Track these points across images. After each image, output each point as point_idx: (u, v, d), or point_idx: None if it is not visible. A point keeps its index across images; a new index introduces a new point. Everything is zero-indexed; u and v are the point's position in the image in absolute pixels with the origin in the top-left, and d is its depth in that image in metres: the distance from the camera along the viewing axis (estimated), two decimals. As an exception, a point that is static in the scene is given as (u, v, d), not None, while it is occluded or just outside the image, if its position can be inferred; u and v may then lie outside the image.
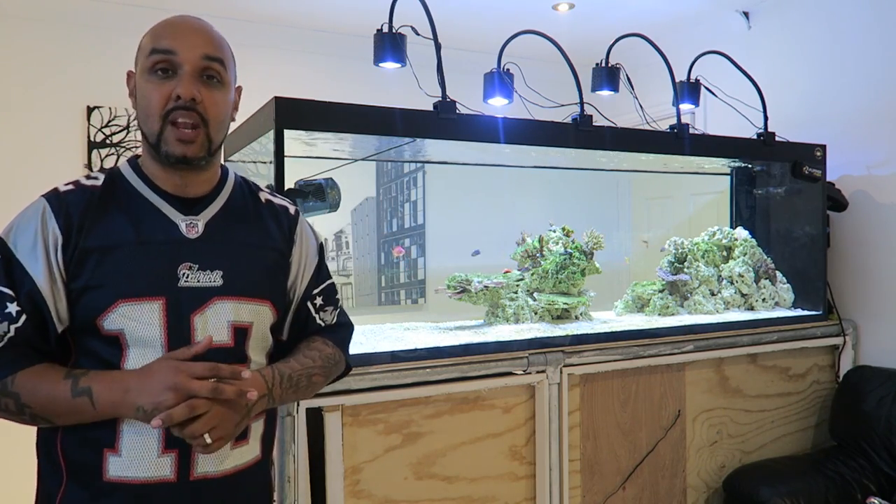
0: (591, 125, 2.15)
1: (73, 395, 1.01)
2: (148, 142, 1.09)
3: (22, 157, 2.96)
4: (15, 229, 1.05)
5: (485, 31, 3.40)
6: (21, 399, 1.01)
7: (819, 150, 2.67)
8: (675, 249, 2.69)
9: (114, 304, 1.03)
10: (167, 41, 1.07)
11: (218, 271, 1.11)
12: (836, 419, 2.57)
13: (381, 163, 3.48)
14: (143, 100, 1.08)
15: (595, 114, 2.19)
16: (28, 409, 1.01)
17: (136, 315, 1.04)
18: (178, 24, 1.10)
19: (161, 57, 1.06)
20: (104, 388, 1.01)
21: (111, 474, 1.04)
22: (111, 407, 1.01)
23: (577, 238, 2.47)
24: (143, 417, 1.00)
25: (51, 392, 1.01)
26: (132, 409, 1.00)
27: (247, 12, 3.27)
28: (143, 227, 1.08)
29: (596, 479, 2.16)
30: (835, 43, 2.85)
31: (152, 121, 1.07)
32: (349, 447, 1.76)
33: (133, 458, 1.04)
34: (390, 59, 2.00)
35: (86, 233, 1.05)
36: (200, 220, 1.13)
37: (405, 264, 3.71)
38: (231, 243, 1.14)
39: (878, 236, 2.69)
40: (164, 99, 1.06)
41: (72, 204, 1.06)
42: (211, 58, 1.09)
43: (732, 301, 2.67)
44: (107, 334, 1.04)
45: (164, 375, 0.99)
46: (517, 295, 2.35)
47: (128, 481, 1.04)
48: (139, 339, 1.05)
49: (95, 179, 1.11)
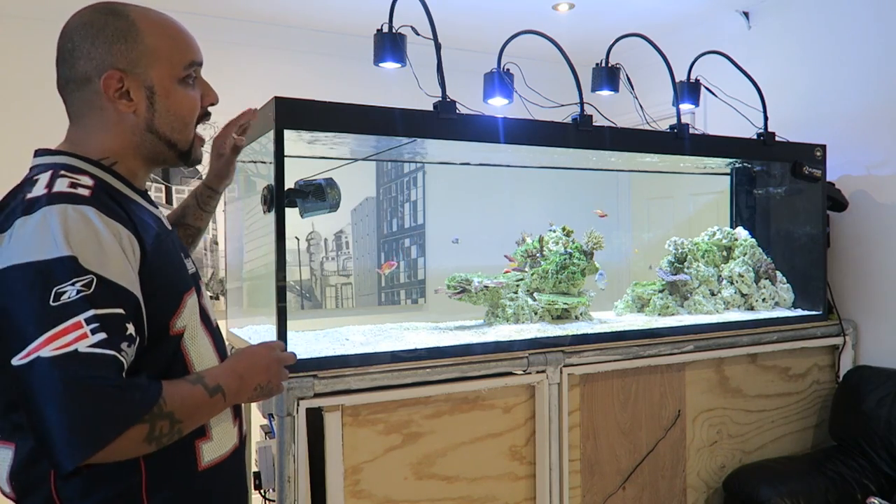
0: (591, 125, 2.15)
1: (210, 396, 1.01)
2: (174, 148, 1.09)
3: (22, 158, 2.95)
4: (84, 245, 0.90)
5: (485, 31, 3.41)
6: (175, 416, 0.94)
7: (819, 150, 2.67)
8: (675, 249, 2.69)
9: (182, 300, 1.05)
10: (198, 54, 1.11)
11: (190, 258, 1.19)
12: (836, 419, 2.57)
13: (381, 163, 3.48)
14: (182, 108, 1.08)
15: (595, 114, 2.19)
16: (178, 424, 0.95)
17: (193, 306, 1.08)
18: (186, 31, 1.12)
19: (199, 69, 1.10)
20: (228, 381, 1.05)
21: (206, 461, 1.08)
22: (236, 395, 1.07)
23: (577, 238, 2.47)
24: (259, 393, 1.12)
25: (195, 399, 0.99)
26: (251, 389, 1.10)
27: (247, 12, 3.27)
28: (153, 223, 1.08)
29: (596, 479, 2.17)
30: (835, 43, 2.85)
31: (189, 129, 1.10)
32: (349, 447, 1.76)
33: (221, 437, 1.11)
34: (390, 59, 2.00)
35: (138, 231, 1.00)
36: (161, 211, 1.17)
37: (405, 264, 3.71)
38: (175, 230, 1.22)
39: (878, 236, 2.69)
40: (198, 107, 1.11)
41: (113, 206, 0.98)
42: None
43: (732, 301, 2.67)
44: (175, 333, 1.04)
45: (265, 354, 1.14)
46: (517, 295, 2.35)
47: (218, 460, 1.10)
48: (193, 329, 1.08)
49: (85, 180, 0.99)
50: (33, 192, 0.94)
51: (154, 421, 0.90)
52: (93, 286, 0.88)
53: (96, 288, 0.88)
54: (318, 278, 3.49)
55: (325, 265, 3.51)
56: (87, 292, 0.87)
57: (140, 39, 1.04)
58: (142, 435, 0.89)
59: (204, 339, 1.11)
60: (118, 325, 0.89)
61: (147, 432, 0.89)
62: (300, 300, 3.47)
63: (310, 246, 3.49)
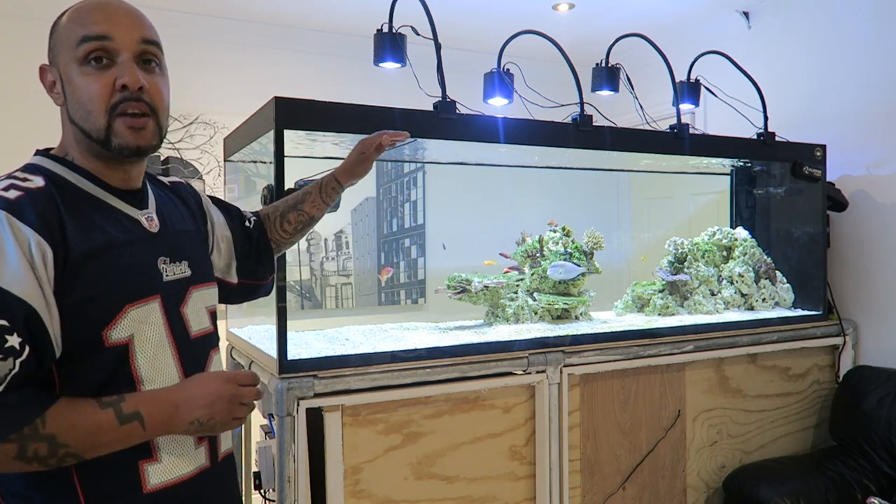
0: (591, 125, 2.15)
1: (120, 423, 0.93)
2: (91, 138, 1.00)
3: (21, 158, 2.95)
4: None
5: (485, 31, 3.40)
6: (58, 439, 0.88)
7: (819, 150, 2.67)
8: (675, 249, 2.69)
9: (122, 310, 0.98)
10: (99, 26, 0.98)
11: (184, 261, 1.11)
12: (836, 419, 2.57)
13: (381, 163, 3.48)
14: (80, 94, 0.98)
15: (595, 114, 2.19)
16: (63, 448, 0.89)
17: (144, 317, 1.01)
18: (108, 7, 1.00)
19: (95, 45, 0.97)
20: (153, 409, 0.96)
21: (152, 484, 1.01)
22: (162, 426, 0.98)
23: (577, 238, 2.47)
24: (196, 428, 1.01)
25: (93, 425, 0.91)
26: (185, 423, 1.00)
27: (247, 12, 3.27)
28: (114, 227, 1.01)
29: (596, 479, 2.17)
30: (835, 43, 2.85)
31: (96, 116, 0.98)
32: (349, 447, 1.76)
33: (174, 459, 1.04)
34: (390, 59, 2.00)
35: (70, 240, 0.93)
36: (152, 212, 1.09)
37: (405, 264, 3.71)
38: (179, 232, 1.15)
39: (878, 236, 2.69)
40: (108, 90, 0.98)
41: (39, 210, 0.92)
42: (148, 41, 1.02)
43: (732, 301, 2.67)
44: (112, 345, 0.97)
45: (214, 388, 1.02)
46: (517, 295, 2.35)
47: (171, 483, 1.03)
48: (147, 341, 1.01)
49: (32, 181, 0.97)
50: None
51: (25, 442, 0.86)
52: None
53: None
54: (318, 278, 3.50)
55: (325, 265, 3.51)
56: None
57: (58, 27, 1.02)
58: (9, 454, 0.86)
59: (165, 353, 1.04)
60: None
61: (17, 451, 0.86)
62: (300, 300, 3.47)
63: (310, 246, 3.49)
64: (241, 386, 1.05)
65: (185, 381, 1.04)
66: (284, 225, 1.47)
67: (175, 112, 3.22)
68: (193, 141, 3.27)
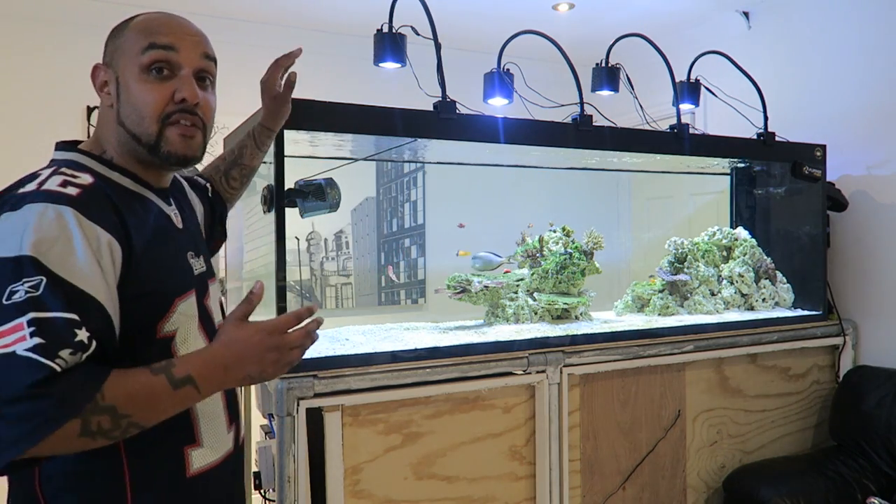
0: (591, 125, 2.15)
1: (174, 388, 0.92)
2: (139, 142, 1.02)
3: (22, 158, 2.95)
4: (44, 245, 0.88)
5: (485, 31, 3.40)
6: (119, 410, 0.88)
7: (819, 150, 2.67)
8: (675, 249, 2.69)
9: (172, 304, 1.02)
10: (167, 37, 1.02)
11: (201, 256, 1.16)
12: (836, 419, 2.57)
13: (381, 163, 3.48)
14: (137, 100, 1.01)
15: (595, 114, 2.19)
16: (126, 418, 0.89)
17: (187, 310, 1.05)
18: (176, 21, 1.05)
19: (161, 54, 1.01)
20: (204, 372, 0.95)
21: (195, 468, 1.05)
22: (216, 386, 0.97)
23: (577, 238, 2.47)
24: (249, 382, 1.01)
25: (149, 391, 0.91)
26: (238, 380, 0.99)
27: (247, 12, 3.27)
28: (155, 221, 1.04)
29: (596, 479, 2.16)
30: (835, 43, 2.85)
31: (149, 123, 1.01)
32: (349, 447, 1.76)
33: (212, 444, 1.08)
34: (390, 59, 2.00)
35: (130, 236, 0.97)
36: (176, 209, 1.14)
37: (405, 264, 3.71)
38: (194, 229, 1.20)
39: (878, 236, 2.69)
40: (164, 101, 1.01)
41: (102, 207, 0.95)
42: (209, 57, 1.06)
43: (732, 301, 2.67)
44: (162, 336, 1.00)
45: (258, 342, 0.98)
46: (517, 295, 2.35)
47: (209, 466, 1.08)
48: (186, 334, 1.05)
49: (81, 177, 0.98)
50: (27, 187, 0.94)
51: (87, 416, 0.86)
52: (41, 288, 0.86)
53: (45, 290, 0.86)
54: (318, 278, 3.49)
55: (325, 265, 3.51)
56: (34, 294, 0.85)
57: (122, 34, 1.06)
58: (75, 431, 0.86)
59: (200, 343, 1.08)
60: (62, 332, 0.86)
61: (81, 427, 0.86)
62: (300, 300, 3.47)
63: (310, 246, 3.49)
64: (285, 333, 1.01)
65: (226, 336, 0.99)
66: (230, 182, 1.52)
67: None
68: (193, 141, 3.26)
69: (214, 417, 1.10)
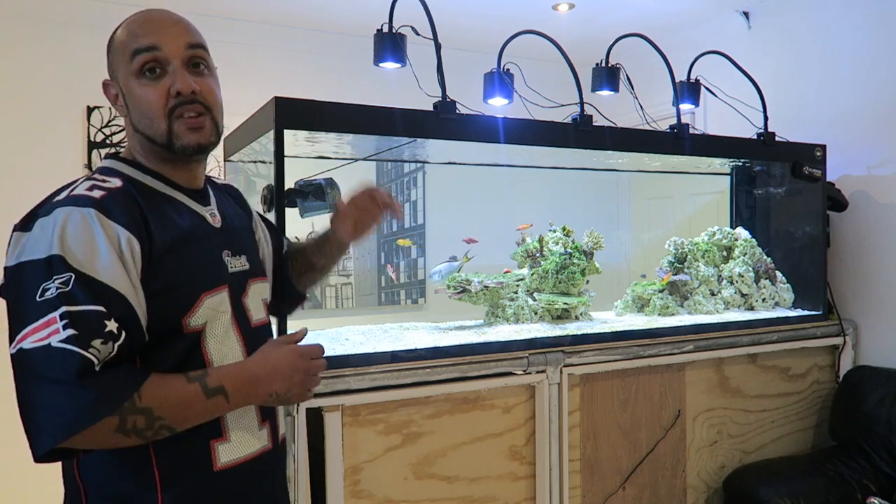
0: (591, 125, 2.15)
1: (206, 397, 1.00)
2: (155, 143, 1.07)
3: (22, 157, 2.96)
4: (71, 244, 0.94)
5: (485, 31, 3.40)
6: (154, 413, 0.95)
7: (819, 150, 2.67)
8: (675, 249, 2.69)
9: (199, 299, 1.05)
10: (147, 38, 1.05)
11: (243, 255, 1.19)
12: (836, 419, 2.57)
13: (381, 163, 3.48)
14: (141, 103, 1.06)
15: (595, 114, 2.19)
16: (160, 420, 0.96)
17: (216, 305, 1.08)
18: (153, 19, 1.08)
19: (146, 56, 1.05)
20: (235, 383, 1.02)
21: (221, 462, 1.07)
22: (245, 399, 1.05)
23: (577, 238, 2.47)
24: (275, 401, 1.08)
25: (183, 398, 0.98)
26: (265, 395, 1.06)
27: (247, 12, 3.27)
28: (185, 221, 1.09)
29: (596, 479, 2.16)
30: (835, 43, 2.85)
31: (157, 122, 1.06)
32: (349, 447, 1.76)
33: (241, 439, 1.10)
34: (390, 59, 2.00)
35: (153, 233, 1.02)
36: (214, 209, 1.17)
37: (405, 264, 3.71)
38: (237, 229, 1.22)
39: (878, 236, 2.69)
40: (164, 97, 1.05)
41: (123, 207, 1.00)
42: (194, 45, 1.09)
43: (732, 301, 2.67)
44: (190, 331, 1.05)
45: (291, 361, 1.08)
46: (517, 295, 2.35)
47: (238, 462, 1.09)
48: (217, 327, 1.08)
49: (110, 182, 1.04)
50: (60, 195, 1.01)
51: (125, 415, 0.92)
52: (70, 284, 0.92)
53: (74, 285, 0.92)
54: (318, 278, 3.49)
55: (324, 265, 3.50)
56: (64, 290, 0.92)
57: (113, 44, 1.10)
58: (111, 427, 0.91)
59: (232, 339, 1.10)
60: (93, 323, 0.92)
61: (118, 424, 0.92)
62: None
63: (310, 246, 3.48)
64: (312, 359, 1.11)
65: (262, 353, 1.09)
66: (293, 262, 1.48)
67: (175, 112, 3.22)
68: (193, 141, 3.26)
69: (243, 414, 1.11)
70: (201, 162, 1.16)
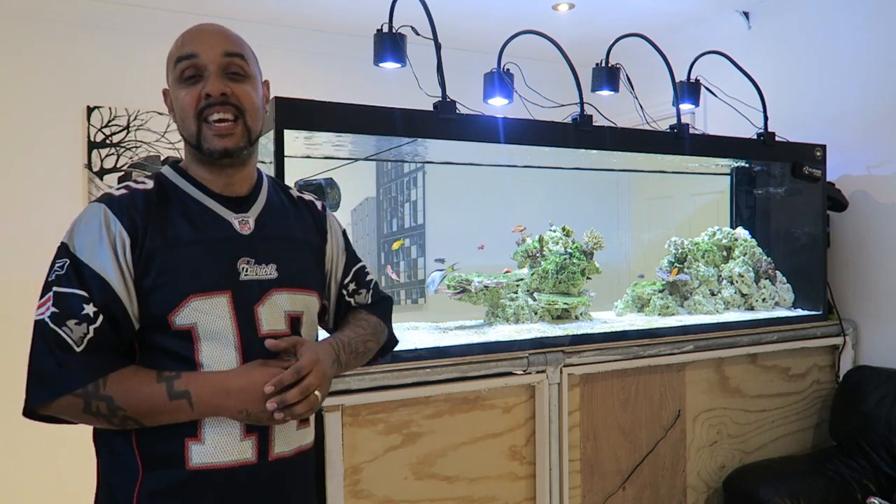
0: (591, 125, 2.15)
1: (170, 398, 1.04)
2: (190, 144, 1.15)
3: (22, 157, 2.95)
4: (77, 234, 1.07)
5: (485, 31, 3.40)
6: (114, 402, 1.02)
7: (819, 150, 2.67)
8: (675, 249, 2.69)
9: (185, 299, 1.08)
10: (188, 47, 1.14)
11: (272, 264, 1.19)
12: (836, 419, 2.57)
13: (381, 163, 3.48)
14: (179, 106, 1.14)
15: (595, 114, 2.19)
16: (121, 411, 1.03)
17: (207, 309, 1.10)
18: (196, 31, 1.17)
19: (186, 63, 1.13)
20: (203, 391, 1.05)
21: (194, 462, 1.08)
22: (211, 409, 1.06)
23: (577, 238, 2.47)
24: (246, 418, 1.08)
25: (146, 394, 1.03)
26: (235, 412, 1.07)
27: (247, 12, 3.27)
28: (200, 225, 1.14)
29: (596, 479, 2.16)
30: (835, 43, 2.85)
31: (189, 122, 1.13)
32: (349, 447, 1.76)
33: (217, 445, 1.09)
34: (390, 59, 2.00)
35: (150, 233, 1.09)
36: (250, 216, 1.20)
37: (405, 264, 3.71)
38: (279, 238, 1.23)
39: (878, 236, 2.69)
40: (196, 100, 1.12)
41: (131, 207, 1.10)
42: (230, 54, 1.15)
43: (732, 301, 2.67)
44: (178, 329, 1.08)
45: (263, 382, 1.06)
46: (517, 295, 2.35)
47: (211, 467, 1.09)
48: (211, 331, 1.09)
49: (145, 183, 1.14)
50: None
51: (89, 398, 1.02)
52: (65, 268, 1.05)
53: (67, 270, 1.05)
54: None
55: (325, 265, 3.50)
56: (60, 272, 1.05)
57: (168, 59, 1.18)
58: (78, 406, 1.02)
59: (228, 345, 1.10)
60: (72, 304, 1.03)
61: (83, 405, 1.02)
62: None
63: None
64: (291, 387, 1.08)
65: (246, 368, 1.10)
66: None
67: (175, 112, 3.22)
68: (193, 141, 3.27)
69: (223, 420, 1.09)
70: (239, 169, 1.19)
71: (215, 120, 1.12)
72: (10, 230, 2.87)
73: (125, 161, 3.13)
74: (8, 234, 2.87)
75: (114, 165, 3.11)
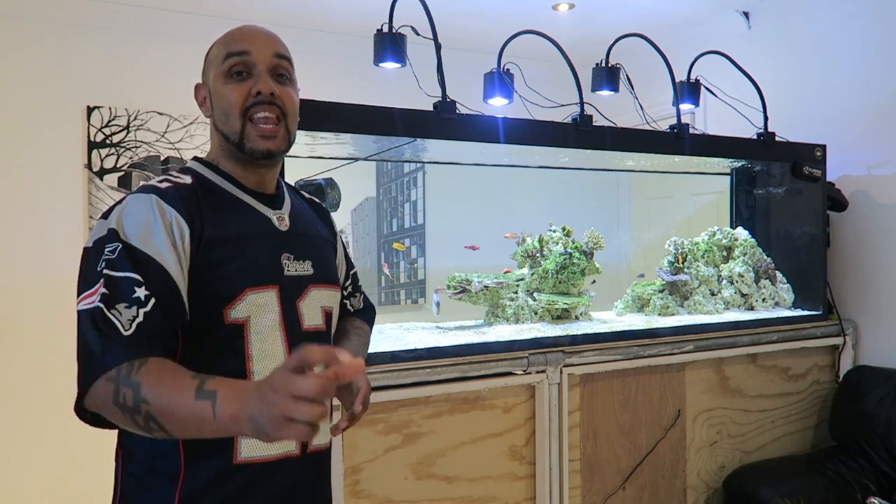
0: (591, 125, 2.15)
1: (196, 397, 0.88)
2: (229, 141, 1.15)
3: (22, 157, 2.95)
4: (127, 221, 1.04)
5: (485, 31, 3.40)
6: (140, 391, 0.91)
7: (819, 150, 2.67)
8: (675, 249, 2.69)
9: (242, 293, 1.09)
10: (241, 44, 1.15)
11: (308, 261, 1.21)
12: (836, 419, 2.57)
13: (381, 163, 3.48)
14: (222, 101, 1.14)
15: (595, 114, 2.19)
16: (144, 405, 0.91)
17: (261, 302, 1.11)
18: (249, 30, 1.19)
19: (236, 59, 1.14)
20: (228, 394, 0.88)
21: (242, 456, 1.08)
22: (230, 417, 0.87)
23: (577, 238, 2.47)
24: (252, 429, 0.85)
25: (174, 388, 0.90)
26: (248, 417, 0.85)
27: (247, 12, 3.27)
28: (245, 220, 1.15)
29: (596, 479, 2.17)
30: (835, 43, 2.85)
31: (233, 119, 1.13)
32: (349, 447, 1.76)
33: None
34: (390, 59, 2.00)
35: (206, 225, 1.08)
36: (284, 214, 1.22)
37: (405, 264, 3.71)
38: (310, 236, 1.26)
39: (878, 236, 2.69)
40: (244, 97, 1.13)
41: (183, 198, 1.09)
42: (281, 56, 1.17)
43: (732, 301, 2.67)
44: (231, 323, 1.07)
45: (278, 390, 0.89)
46: (517, 295, 2.35)
47: (257, 460, 1.10)
48: (261, 325, 1.10)
49: (182, 178, 1.13)
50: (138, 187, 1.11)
51: (118, 384, 0.93)
52: (116, 252, 1.01)
53: (119, 254, 1.01)
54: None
55: (325, 265, 3.50)
56: (111, 257, 1.01)
57: (210, 52, 1.21)
58: (108, 394, 0.93)
59: (276, 339, 1.12)
60: (124, 287, 0.99)
61: (113, 393, 0.93)
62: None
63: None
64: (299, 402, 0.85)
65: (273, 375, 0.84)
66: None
67: (175, 112, 3.22)
68: (193, 141, 3.27)
69: None
70: (271, 168, 1.20)
71: (261, 118, 1.12)
72: (10, 230, 2.87)
73: (125, 161, 3.13)
74: (8, 233, 2.87)
75: (114, 165, 3.11)
